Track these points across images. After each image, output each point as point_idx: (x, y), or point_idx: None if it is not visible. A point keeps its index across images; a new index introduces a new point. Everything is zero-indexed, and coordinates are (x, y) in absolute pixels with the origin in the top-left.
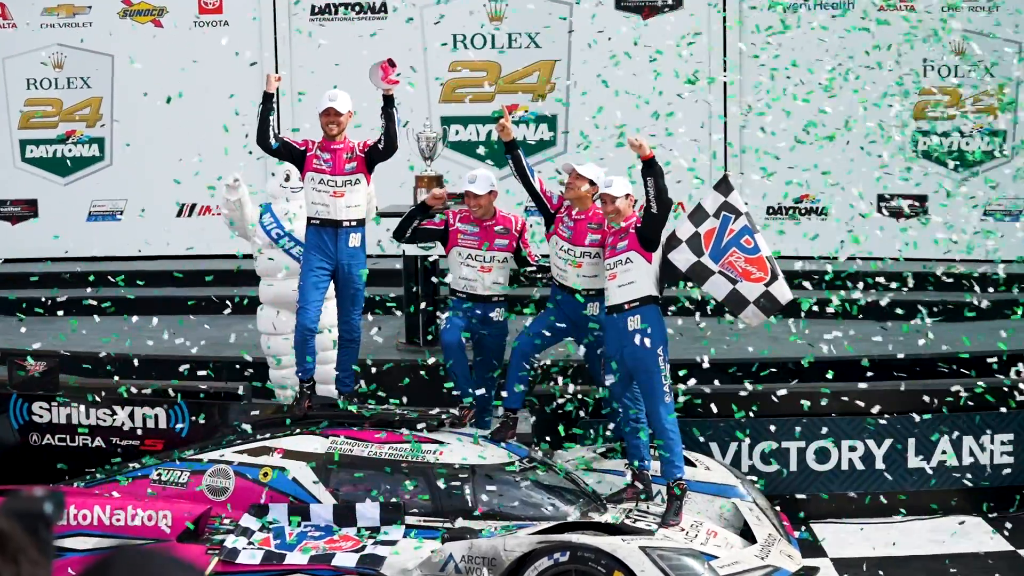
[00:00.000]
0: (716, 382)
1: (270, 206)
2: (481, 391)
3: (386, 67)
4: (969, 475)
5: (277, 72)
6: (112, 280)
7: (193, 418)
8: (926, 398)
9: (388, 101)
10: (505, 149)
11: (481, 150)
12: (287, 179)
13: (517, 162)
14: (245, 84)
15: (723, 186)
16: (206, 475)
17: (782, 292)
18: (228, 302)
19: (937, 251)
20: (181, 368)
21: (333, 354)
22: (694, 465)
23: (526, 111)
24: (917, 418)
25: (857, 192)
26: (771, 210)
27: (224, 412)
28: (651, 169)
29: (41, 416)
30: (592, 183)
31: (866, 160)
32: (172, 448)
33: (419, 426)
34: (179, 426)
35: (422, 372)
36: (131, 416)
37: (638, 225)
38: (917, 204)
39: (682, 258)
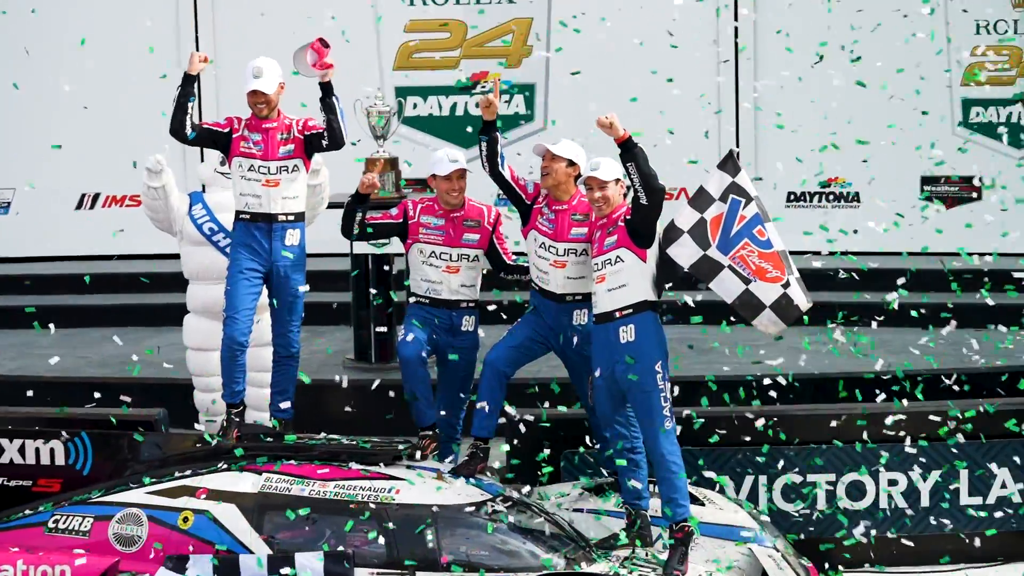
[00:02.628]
0: (726, 402)
1: (202, 195)
2: (446, 416)
3: (318, 48)
4: None
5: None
6: None
7: (97, 453)
8: (981, 421)
9: (326, 89)
10: (482, 128)
11: (444, 127)
12: (223, 162)
13: (492, 145)
14: (163, 47)
15: (729, 165)
16: (113, 521)
17: (800, 296)
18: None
19: (991, 244)
20: (85, 392)
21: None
22: (702, 503)
23: (497, 80)
24: (971, 445)
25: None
26: (792, 197)
27: (135, 445)
28: (630, 152)
29: None
30: (571, 163)
31: (906, 135)
32: (72, 489)
33: (371, 460)
34: (80, 462)
35: (375, 395)
36: (21, 451)
37: (627, 217)
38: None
39: (684, 252)
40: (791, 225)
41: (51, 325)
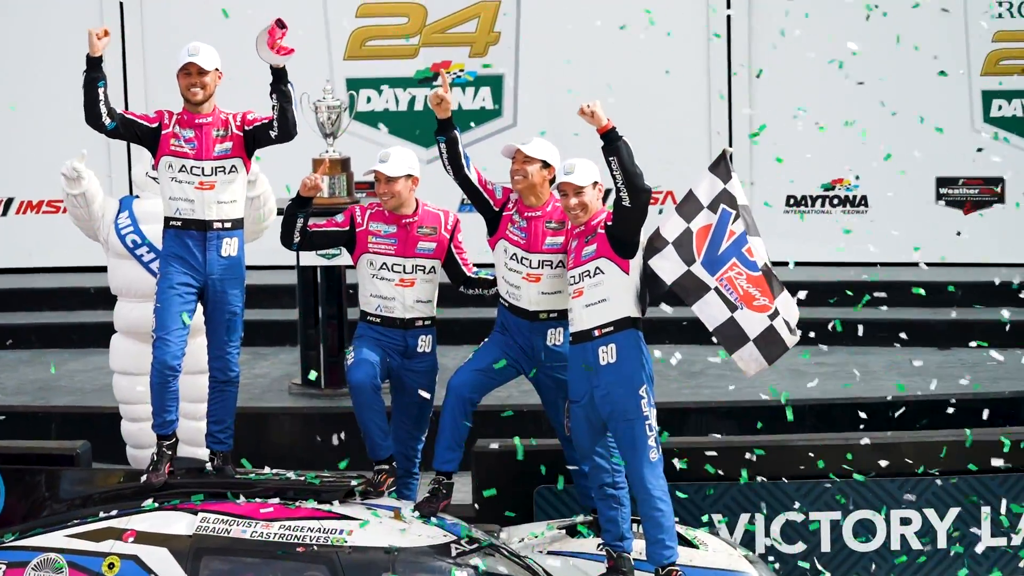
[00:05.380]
0: (720, 432)
1: (131, 201)
2: (403, 449)
3: (271, 30)
4: None
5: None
6: None
7: (11, 491)
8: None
9: (279, 75)
10: (437, 128)
11: (401, 123)
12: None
13: (452, 146)
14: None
15: (721, 168)
16: (29, 568)
17: (786, 330)
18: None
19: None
20: None
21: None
22: (693, 545)
23: (461, 71)
24: (993, 480)
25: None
26: (792, 201)
27: (53, 482)
28: (613, 145)
29: None
30: (546, 164)
31: (919, 132)
32: None
33: (321, 497)
34: None
35: (324, 424)
36: None
37: (608, 223)
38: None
39: (667, 266)
40: (791, 233)
41: None
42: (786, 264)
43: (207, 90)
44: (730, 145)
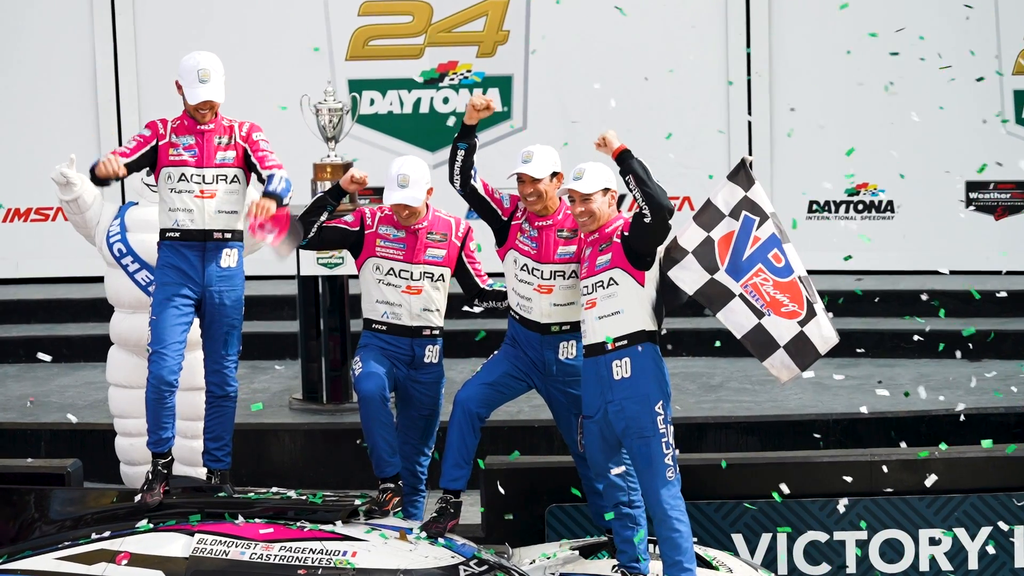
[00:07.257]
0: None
1: (125, 209)
2: (408, 465)
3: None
4: None
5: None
6: None
7: None
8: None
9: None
10: (461, 133)
11: (406, 126)
12: (149, 173)
13: (470, 153)
14: (76, 36)
15: (741, 175)
16: None
17: (823, 335)
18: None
19: None
20: None
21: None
22: (712, 567)
23: (468, 71)
24: None
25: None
26: (815, 206)
27: (43, 501)
28: (628, 165)
29: None
30: (554, 174)
31: (947, 134)
32: None
33: (324, 517)
34: None
35: (327, 441)
36: None
37: (625, 233)
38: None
39: (688, 277)
40: (813, 241)
41: None
42: (812, 272)
43: (215, 108)
44: (749, 152)
